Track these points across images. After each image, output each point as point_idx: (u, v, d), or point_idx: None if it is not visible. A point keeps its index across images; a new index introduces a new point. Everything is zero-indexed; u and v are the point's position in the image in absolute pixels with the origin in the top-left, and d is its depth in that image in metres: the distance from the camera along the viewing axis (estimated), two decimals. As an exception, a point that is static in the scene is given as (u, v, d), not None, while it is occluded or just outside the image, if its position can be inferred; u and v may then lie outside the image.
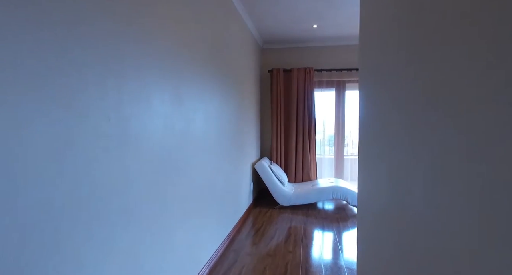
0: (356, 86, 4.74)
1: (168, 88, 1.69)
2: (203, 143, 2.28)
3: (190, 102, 2.02)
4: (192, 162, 2.06)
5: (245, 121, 3.88)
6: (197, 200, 2.17)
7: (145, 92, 1.46)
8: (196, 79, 2.13)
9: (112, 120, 1.22)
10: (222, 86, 2.79)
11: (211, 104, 2.47)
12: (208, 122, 2.39)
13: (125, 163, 1.31)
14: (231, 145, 3.17)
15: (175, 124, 1.78)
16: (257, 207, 4.32)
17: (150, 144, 1.51)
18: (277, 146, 4.88)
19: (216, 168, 2.64)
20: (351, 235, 3.24)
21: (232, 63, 3.18)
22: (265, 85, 5.08)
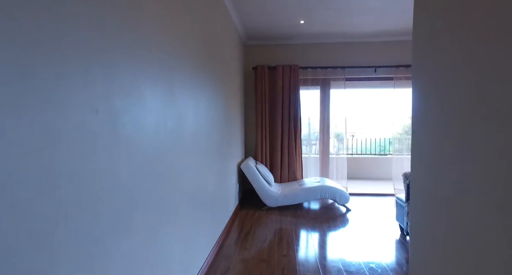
0: (340, 84, 4.72)
1: (160, 81, 1.49)
2: (194, 143, 2.09)
3: (182, 97, 1.83)
4: (184, 163, 1.87)
5: (231, 119, 3.70)
6: (190, 205, 1.98)
7: (136, 84, 1.25)
8: (187, 72, 1.93)
9: (101, 114, 1.01)
10: (211, 81, 2.61)
11: (201, 100, 2.28)
12: (198, 119, 2.20)
13: (116, 166, 1.10)
14: (220, 144, 2.99)
15: (167, 121, 1.58)
16: (244, 209, 4.15)
17: (143, 144, 1.31)
18: (262, 145, 4.74)
19: (207, 169, 2.45)
20: (344, 235, 3.17)
21: (220, 59, 3.00)
22: (249, 82, 4.93)
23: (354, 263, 2.50)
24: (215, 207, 2.75)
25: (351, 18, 3.82)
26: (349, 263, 2.52)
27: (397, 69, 4.58)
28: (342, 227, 3.47)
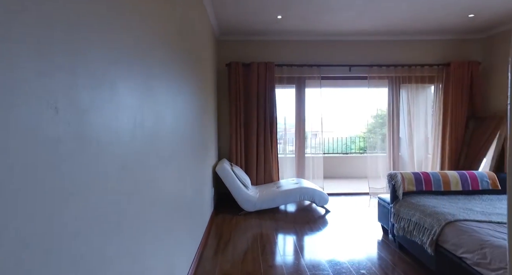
0: (316, 83, 4.64)
1: (136, 71, 1.21)
2: (174, 146, 1.81)
3: (161, 92, 1.55)
4: (164, 170, 1.59)
5: (207, 119, 3.43)
6: (169, 217, 1.70)
7: (109, 75, 0.97)
8: (165, 64, 1.65)
9: (62, 112, 0.73)
10: (188, 77, 2.33)
11: (179, 97, 2.00)
12: (177, 119, 1.92)
13: (84, 184, 0.82)
14: (198, 146, 2.72)
15: (145, 121, 1.30)
16: (219, 214, 3.90)
17: (118, 150, 1.03)
18: (236, 146, 4.51)
19: (186, 175, 2.18)
20: (327, 239, 3.05)
21: (195, 53, 2.71)
22: (222, 80, 4.66)
23: (345, 271, 2.38)
24: (193, 216, 2.48)
25: (329, 15, 3.73)
26: (339, 270, 2.39)
27: (370, 68, 4.60)
28: (325, 230, 3.36)
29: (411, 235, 2.38)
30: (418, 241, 2.28)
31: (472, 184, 2.75)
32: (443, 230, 2.08)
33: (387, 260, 2.54)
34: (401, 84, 4.66)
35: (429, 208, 2.35)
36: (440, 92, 4.65)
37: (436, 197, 2.64)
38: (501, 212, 2.33)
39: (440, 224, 2.11)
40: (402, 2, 3.37)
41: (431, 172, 2.80)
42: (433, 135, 4.73)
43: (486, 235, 1.85)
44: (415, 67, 4.60)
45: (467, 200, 2.60)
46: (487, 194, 2.76)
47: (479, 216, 2.17)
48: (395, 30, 4.35)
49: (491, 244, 1.75)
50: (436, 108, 4.71)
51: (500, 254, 1.67)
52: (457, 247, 1.92)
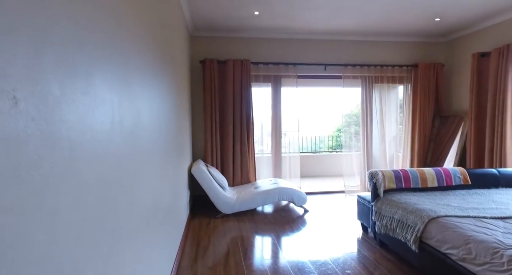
0: (292, 82, 4.61)
1: (114, 62, 1.05)
2: (152, 146, 1.64)
3: (140, 87, 1.38)
4: (143, 173, 1.42)
5: (182, 118, 3.25)
6: (148, 226, 1.53)
7: (82, 61, 0.81)
8: (144, 56, 1.49)
9: (22, 104, 0.57)
10: (165, 72, 2.15)
11: (157, 93, 1.83)
12: (155, 117, 1.75)
13: (54, 195, 0.66)
14: (175, 147, 2.54)
15: (123, 119, 1.14)
16: (195, 218, 3.72)
17: (95, 152, 0.87)
18: (212, 146, 4.35)
19: (164, 177, 2.01)
20: (309, 238, 2.99)
21: (171, 47, 2.53)
22: (196, 77, 4.47)
23: (331, 272, 2.34)
24: (171, 223, 2.31)
25: (306, 12, 3.70)
26: (325, 272, 2.35)
27: (345, 68, 4.66)
28: (305, 230, 3.32)
29: (394, 232, 2.40)
30: (401, 238, 2.30)
31: (446, 180, 2.85)
32: (426, 227, 2.10)
33: (370, 259, 2.54)
34: (374, 84, 4.78)
35: (411, 205, 2.38)
36: (409, 92, 4.84)
37: (415, 194, 2.70)
38: (475, 206, 2.42)
39: (423, 221, 2.14)
40: (376, 2, 3.43)
41: (409, 169, 2.86)
42: (403, 133, 4.91)
43: (468, 230, 1.90)
44: (386, 67, 4.73)
45: (443, 195, 2.68)
46: (459, 189, 2.87)
47: (458, 211, 2.23)
48: (368, 31, 4.44)
49: (474, 239, 1.79)
50: (406, 107, 4.89)
51: (484, 248, 1.70)
52: (442, 243, 1.95)
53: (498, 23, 3.98)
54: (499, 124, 3.78)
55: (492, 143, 3.89)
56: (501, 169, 3.09)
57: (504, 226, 2.02)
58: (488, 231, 1.88)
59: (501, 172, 3.05)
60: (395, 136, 5.09)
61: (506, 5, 3.56)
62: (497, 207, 2.41)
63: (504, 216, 2.19)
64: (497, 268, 1.58)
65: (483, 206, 2.44)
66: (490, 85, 3.92)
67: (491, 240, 1.75)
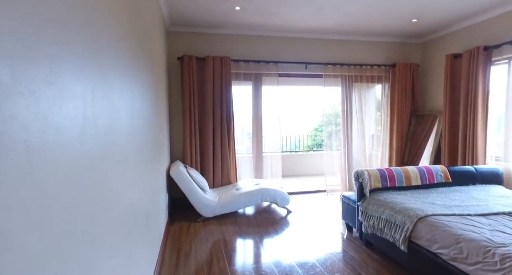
0: (273, 81, 4.53)
1: (86, 50, 0.88)
2: (130, 147, 1.47)
3: (116, 81, 1.21)
4: (120, 178, 1.26)
5: (160, 117, 3.05)
6: (127, 235, 1.36)
7: (46, 43, 0.65)
8: (119, 47, 1.32)
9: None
10: (141, 68, 1.97)
11: (135, 89, 1.66)
12: (133, 114, 1.58)
13: (8, 215, 0.51)
14: (153, 148, 2.36)
15: (98, 117, 0.97)
16: (175, 222, 3.53)
17: (63, 157, 0.71)
18: (191, 146, 4.16)
19: (142, 181, 1.83)
20: (295, 240, 2.91)
21: (147, 44, 2.33)
22: (173, 75, 4.26)
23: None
24: (151, 230, 2.13)
25: (288, 9, 3.62)
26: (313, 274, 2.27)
27: (325, 67, 4.64)
28: (290, 232, 3.24)
29: (382, 232, 2.37)
30: (390, 238, 2.27)
31: (429, 178, 2.88)
32: (415, 227, 2.08)
33: (357, 260, 2.50)
34: (353, 83, 4.80)
35: (398, 204, 2.36)
36: (388, 91, 4.91)
37: (400, 192, 2.69)
38: (458, 204, 2.45)
39: (412, 221, 2.11)
40: (357, 2, 3.42)
41: (394, 168, 2.86)
42: (382, 132, 4.98)
43: (457, 229, 1.89)
44: (365, 66, 4.77)
45: (426, 193, 2.70)
46: (440, 187, 2.91)
47: (444, 210, 2.24)
48: (349, 30, 4.45)
49: (465, 238, 1.78)
50: (384, 106, 4.96)
51: (475, 247, 1.69)
52: (432, 243, 1.93)
53: (469, 26, 4.12)
54: (471, 123, 3.91)
55: (464, 141, 4.01)
56: (477, 167, 3.18)
57: (488, 223, 2.04)
58: (476, 229, 1.89)
59: (478, 169, 3.14)
60: (373, 134, 5.16)
61: (476, 9, 3.68)
62: (478, 204, 2.46)
63: (486, 213, 2.23)
64: (490, 267, 1.57)
65: (465, 203, 2.48)
66: (462, 85, 4.04)
67: (481, 238, 1.75)
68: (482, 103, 3.83)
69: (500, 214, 2.24)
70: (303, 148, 9.07)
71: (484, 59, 3.81)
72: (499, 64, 3.80)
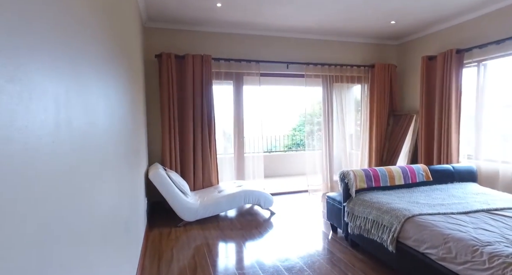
0: (255, 80, 4.45)
1: (58, 43, 0.76)
2: (107, 150, 1.34)
3: (92, 78, 1.08)
4: (99, 184, 1.13)
5: (138, 117, 2.88)
6: (104, 246, 1.23)
7: (9, 32, 0.53)
8: (96, 40, 1.18)
9: None
10: (119, 66, 1.83)
11: (112, 88, 1.52)
12: (111, 116, 1.44)
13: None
14: (132, 150, 2.21)
15: (73, 118, 0.85)
16: (154, 227, 3.36)
17: (29, 165, 0.59)
18: (170, 148, 3.99)
19: (121, 186, 1.69)
20: (280, 242, 2.85)
21: (124, 39, 2.18)
22: (151, 73, 4.07)
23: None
24: (130, 237, 1.98)
25: (270, 7, 3.55)
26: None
27: (307, 66, 4.63)
28: (275, 234, 3.18)
29: (369, 233, 2.36)
30: (377, 239, 2.26)
31: (411, 177, 2.92)
32: (403, 227, 2.09)
33: (344, 261, 2.48)
34: (334, 83, 4.83)
35: (384, 204, 2.37)
36: (367, 92, 4.99)
37: (384, 192, 2.71)
38: (440, 202, 2.49)
39: (399, 221, 2.12)
40: (340, 2, 3.42)
41: (378, 168, 2.88)
42: (362, 131, 5.05)
43: (445, 228, 1.91)
44: (346, 67, 4.81)
45: (409, 193, 2.74)
46: (422, 185, 2.97)
47: (428, 209, 2.27)
48: (330, 30, 4.46)
49: (453, 238, 1.79)
50: (364, 106, 5.04)
51: (464, 247, 1.71)
52: (420, 243, 1.93)
53: (443, 29, 4.26)
54: (445, 123, 4.04)
55: (440, 140, 4.15)
56: (454, 165, 3.28)
57: (471, 221, 2.08)
58: (462, 228, 1.91)
59: (455, 167, 3.23)
60: (351, 134, 5.23)
61: (450, 13, 3.81)
62: (459, 202, 2.51)
63: (467, 211, 2.27)
64: (479, 267, 1.58)
65: (446, 201, 2.53)
66: (437, 86, 4.17)
67: (468, 237, 1.77)
68: (455, 103, 3.97)
69: (480, 211, 2.30)
70: (281, 148, 9.06)
71: (457, 62, 3.95)
72: (470, 66, 3.96)
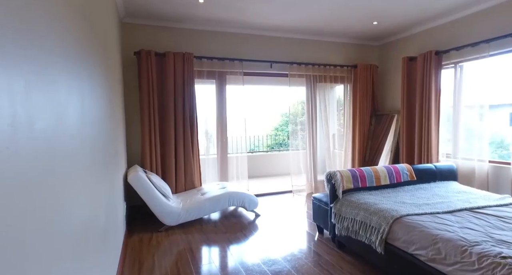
0: (238, 79, 4.36)
1: (18, 27, 0.64)
2: (80, 154, 1.21)
3: (60, 73, 0.96)
4: (67, 191, 1.00)
5: (116, 117, 2.72)
6: (76, 257, 1.10)
7: None
8: (67, 35, 1.05)
9: None
10: (94, 61, 1.68)
11: (85, 84, 1.39)
12: (84, 116, 1.31)
13: None
14: (109, 153, 2.06)
15: (35, 118, 0.73)
16: (134, 233, 3.20)
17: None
18: (151, 149, 3.83)
19: (97, 191, 1.55)
20: (266, 245, 2.78)
21: (100, 32, 2.02)
22: (130, 71, 3.89)
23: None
24: (107, 246, 1.84)
25: (254, 5, 3.47)
26: (289, 284, 2.15)
27: (291, 66, 4.59)
28: (261, 237, 3.10)
29: (357, 234, 2.33)
30: (365, 240, 2.24)
31: (396, 177, 2.93)
32: (391, 228, 2.06)
33: (332, 263, 2.44)
34: (317, 83, 4.82)
35: (372, 205, 2.34)
36: (350, 92, 5.02)
37: (371, 193, 2.70)
38: (425, 202, 2.50)
39: (387, 222, 2.09)
40: (323, 2, 3.39)
41: (364, 168, 2.86)
42: (345, 131, 5.07)
43: (433, 229, 1.90)
44: (329, 67, 4.82)
45: (395, 192, 2.74)
46: (406, 185, 2.98)
47: (415, 209, 2.26)
48: (314, 30, 4.44)
49: (441, 238, 1.78)
50: (347, 106, 5.06)
51: (453, 247, 1.70)
52: (409, 244, 1.92)
53: (423, 30, 4.35)
54: (425, 123, 4.12)
55: (420, 140, 4.22)
56: (436, 164, 3.33)
57: (456, 220, 2.09)
58: (449, 228, 1.91)
59: (437, 166, 3.28)
60: (334, 134, 5.25)
61: (430, 15, 3.88)
62: (442, 201, 2.54)
63: (451, 210, 2.29)
64: (469, 267, 1.57)
65: (431, 200, 2.54)
66: (417, 86, 4.25)
67: (456, 237, 1.76)
68: (435, 104, 4.05)
69: (463, 210, 2.32)
70: (264, 148, 9.01)
71: (436, 63, 4.03)
72: (448, 68, 4.06)
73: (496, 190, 3.40)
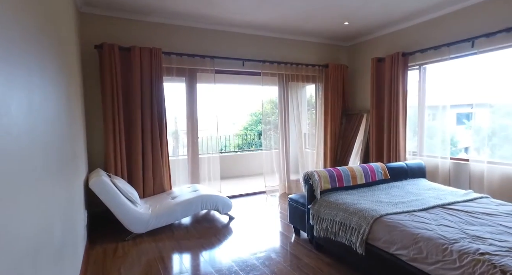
0: (209, 78, 4.18)
1: None
2: (29, 159, 1.01)
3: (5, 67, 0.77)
4: (5, 210, 0.81)
5: (75, 116, 2.44)
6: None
7: None
8: (11, 25, 0.85)
9: None
10: (46, 49, 1.45)
11: (35, 80, 1.17)
12: (35, 113, 1.10)
13: None
14: (65, 158, 1.82)
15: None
16: (96, 244, 2.91)
17: None
18: (115, 151, 3.53)
19: (51, 203, 1.33)
20: (243, 249, 2.65)
21: (52, 19, 1.77)
22: (90, 67, 3.56)
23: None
24: (64, 263, 1.61)
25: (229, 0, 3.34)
26: (269, 291, 2.05)
27: (263, 64, 4.50)
28: (236, 241, 2.97)
29: (336, 236, 2.29)
30: (345, 242, 2.19)
31: (371, 176, 2.94)
32: (372, 228, 2.04)
33: (311, 266, 2.37)
34: (290, 82, 4.79)
35: (350, 205, 2.31)
36: (321, 91, 5.04)
37: (348, 192, 2.67)
38: (401, 200, 2.52)
39: (368, 222, 2.07)
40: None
41: (341, 168, 2.84)
42: (317, 130, 5.09)
43: (413, 228, 1.89)
44: (301, 66, 4.80)
45: (371, 191, 2.75)
46: (380, 183, 3.01)
47: (392, 208, 2.26)
48: (286, 28, 4.39)
49: (422, 237, 1.77)
50: (318, 105, 5.08)
51: (434, 246, 1.69)
52: (390, 244, 1.89)
53: (391, 32, 4.47)
54: (394, 122, 4.24)
55: (389, 138, 4.34)
56: (407, 162, 3.41)
57: (432, 218, 2.12)
58: (427, 226, 1.92)
59: (408, 164, 3.37)
60: (305, 133, 5.26)
61: (397, 17, 4.00)
62: (416, 199, 2.58)
63: (426, 207, 2.32)
64: (450, 266, 1.57)
65: (406, 198, 2.57)
66: (386, 87, 4.36)
67: (436, 236, 1.76)
68: (402, 103, 4.19)
69: (436, 207, 2.36)
70: (233, 148, 8.86)
71: (402, 64, 4.16)
72: (413, 69, 4.22)
73: (457, 185, 3.59)
